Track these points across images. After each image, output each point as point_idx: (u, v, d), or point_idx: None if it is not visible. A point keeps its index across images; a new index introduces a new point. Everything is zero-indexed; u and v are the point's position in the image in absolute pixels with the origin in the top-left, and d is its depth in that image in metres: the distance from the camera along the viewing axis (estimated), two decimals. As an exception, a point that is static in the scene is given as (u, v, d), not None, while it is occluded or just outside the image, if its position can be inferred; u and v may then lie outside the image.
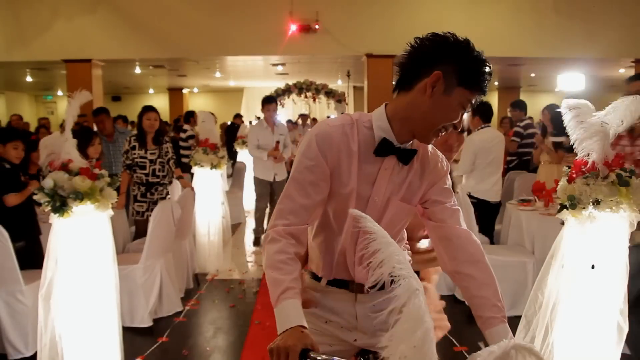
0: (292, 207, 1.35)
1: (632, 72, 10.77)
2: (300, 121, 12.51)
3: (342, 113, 13.84)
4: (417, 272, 1.90)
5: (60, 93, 18.24)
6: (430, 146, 1.46)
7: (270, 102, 6.03)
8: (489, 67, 1.30)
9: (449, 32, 1.30)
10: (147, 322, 3.70)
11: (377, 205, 1.41)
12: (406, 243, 1.63)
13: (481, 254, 1.39)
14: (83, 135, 2.76)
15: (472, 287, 1.35)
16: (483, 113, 4.63)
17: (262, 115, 6.19)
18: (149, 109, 4.56)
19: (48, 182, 2.46)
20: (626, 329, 2.31)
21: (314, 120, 13.17)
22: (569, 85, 11.36)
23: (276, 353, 1.12)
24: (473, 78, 1.27)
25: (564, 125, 2.20)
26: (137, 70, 13.11)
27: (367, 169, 1.38)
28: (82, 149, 2.79)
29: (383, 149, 1.36)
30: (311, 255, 1.52)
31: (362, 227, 1.01)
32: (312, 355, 1.10)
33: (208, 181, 5.18)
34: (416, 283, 0.95)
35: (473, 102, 1.31)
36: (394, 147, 1.37)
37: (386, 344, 0.94)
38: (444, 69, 1.26)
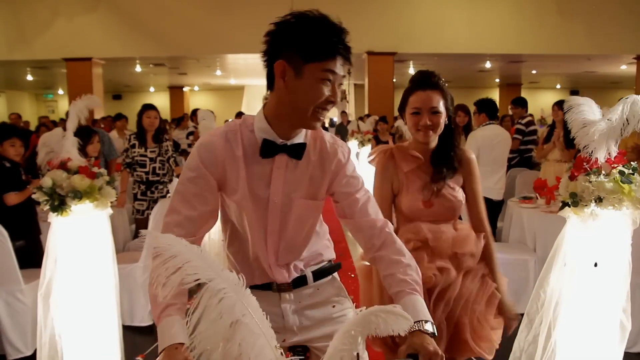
0: (177, 220, 1.30)
1: (633, 68, 10.75)
2: None
3: (343, 111, 13.64)
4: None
5: (60, 92, 18.27)
6: (329, 135, 1.44)
7: None
8: (333, 25, 1.25)
9: (284, 16, 1.27)
10: (147, 321, 3.70)
11: (279, 206, 1.38)
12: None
13: (391, 240, 1.39)
14: (82, 133, 2.75)
15: (382, 268, 1.36)
16: (489, 110, 4.61)
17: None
18: (149, 107, 4.54)
19: (46, 181, 2.44)
20: (629, 327, 2.30)
21: None
22: None
23: None
24: (314, 48, 1.22)
25: None
26: (138, 68, 13.11)
27: (258, 172, 1.35)
28: (81, 147, 2.78)
29: (267, 149, 1.33)
30: (229, 265, 1.50)
31: (147, 245, 0.96)
32: None
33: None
34: (221, 283, 0.91)
35: (337, 70, 1.25)
36: (278, 145, 1.34)
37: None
38: (286, 55, 1.25)
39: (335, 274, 1.56)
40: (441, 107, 1.89)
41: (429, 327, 1.19)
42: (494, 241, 2.06)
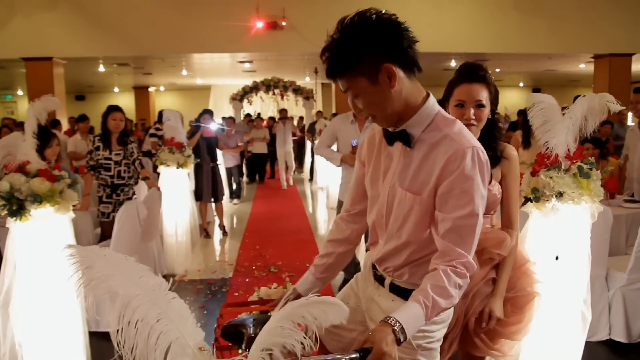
0: (347, 197, 1.63)
1: (591, 67, 11.08)
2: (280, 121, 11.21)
3: (318, 111, 13.54)
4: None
5: (20, 92, 17.68)
6: (459, 134, 1.30)
7: None
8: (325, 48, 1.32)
9: None
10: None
11: (386, 192, 1.42)
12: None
13: (451, 271, 1.26)
14: (40, 136, 2.66)
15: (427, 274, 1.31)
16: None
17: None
18: (114, 108, 4.43)
19: (4, 185, 2.36)
20: (589, 318, 2.37)
21: (292, 119, 12.57)
22: None
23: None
24: None
25: None
26: (101, 68, 12.81)
27: (387, 161, 1.44)
28: (40, 150, 2.69)
29: (386, 137, 1.42)
30: None
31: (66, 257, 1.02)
32: None
33: (174, 181, 5.09)
34: (135, 289, 0.99)
35: (340, 86, 1.35)
36: (392, 132, 1.38)
37: None
38: None
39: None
40: (486, 100, 1.84)
41: (400, 334, 1.14)
42: (518, 244, 1.97)
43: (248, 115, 13.03)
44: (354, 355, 1.07)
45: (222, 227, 6.68)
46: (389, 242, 1.44)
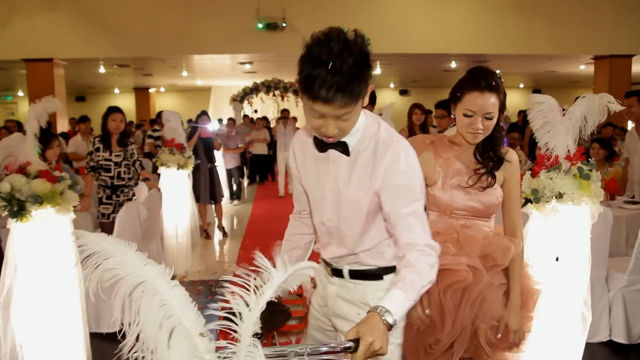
0: (296, 201, 1.68)
1: (591, 68, 11.09)
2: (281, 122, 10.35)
3: None
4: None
5: (20, 93, 17.70)
6: (386, 134, 1.41)
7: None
8: (323, 65, 1.21)
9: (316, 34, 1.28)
10: (114, 327, 3.61)
11: (333, 197, 1.47)
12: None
13: (420, 257, 1.35)
14: (41, 137, 2.67)
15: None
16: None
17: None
18: (114, 109, 4.43)
19: (4, 186, 2.36)
20: (590, 319, 2.37)
21: (294, 119, 12.13)
22: None
23: None
24: (302, 83, 1.26)
25: None
26: (102, 69, 12.82)
27: (320, 165, 1.48)
28: (41, 151, 2.70)
29: (319, 145, 1.45)
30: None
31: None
32: None
33: (175, 182, 5.10)
34: (140, 276, 0.98)
35: (319, 109, 1.25)
36: (326, 142, 1.41)
37: None
38: None
39: (385, 284, 1.50)
40: (496, 110, 1.78)
41: (388, 317, 1.21)
42: (523, 249, 1.91)
43: (247, 115, 13.03)
44: (347, 345, 1.15)
45: (221, 228, 6.68)
46: (342, 243, 1.51)
